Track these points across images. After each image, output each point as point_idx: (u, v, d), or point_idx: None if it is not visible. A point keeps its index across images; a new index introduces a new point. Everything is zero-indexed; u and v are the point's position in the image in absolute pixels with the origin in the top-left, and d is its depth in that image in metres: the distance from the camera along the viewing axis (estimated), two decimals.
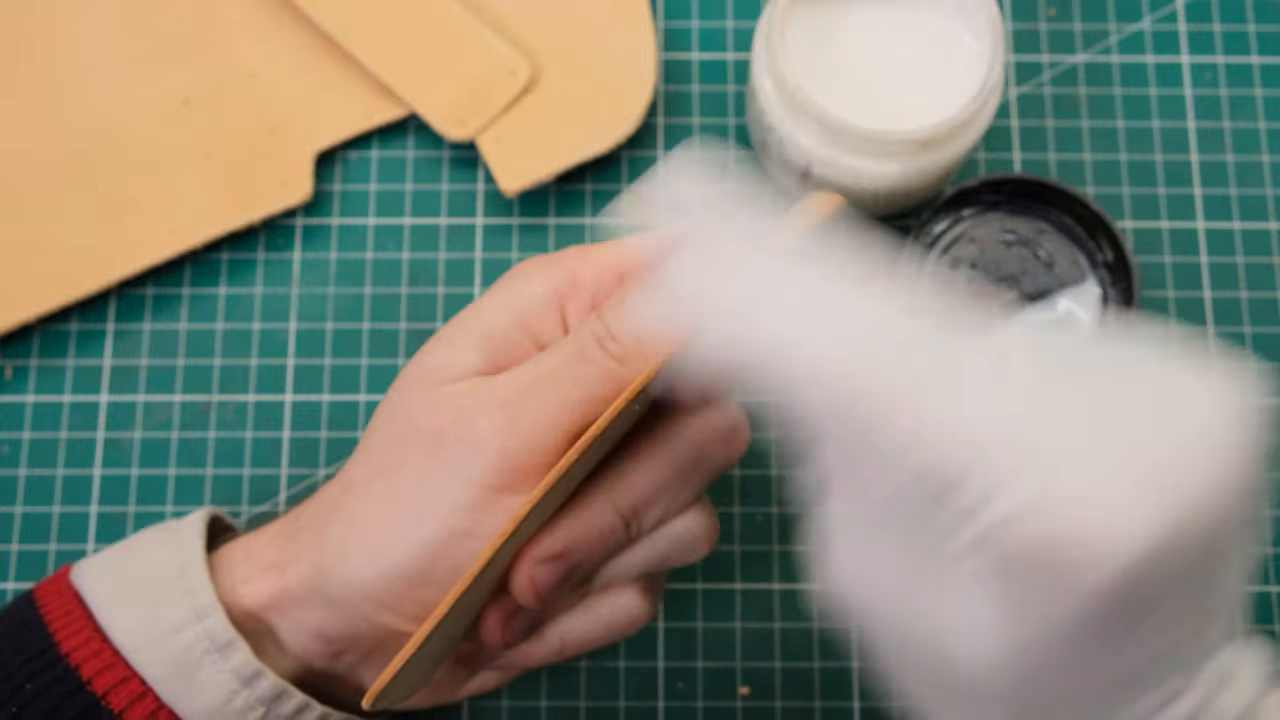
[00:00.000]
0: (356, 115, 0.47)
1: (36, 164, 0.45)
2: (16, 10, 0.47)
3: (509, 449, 0.30)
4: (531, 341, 0.32)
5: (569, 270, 0.33)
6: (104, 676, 0.31)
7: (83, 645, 0.31)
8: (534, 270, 0.33)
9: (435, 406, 0.31)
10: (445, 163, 0.47)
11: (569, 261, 0.33)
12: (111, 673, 0.31)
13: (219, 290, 0.46)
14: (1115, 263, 0.45)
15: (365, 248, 0.47)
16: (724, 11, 0.49)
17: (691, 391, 0.31)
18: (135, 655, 0.31)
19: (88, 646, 0.31)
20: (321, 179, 0.47)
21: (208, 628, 0.32)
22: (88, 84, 0.46)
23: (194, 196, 0.45)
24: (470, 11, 0.46)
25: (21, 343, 0.45)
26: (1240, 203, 0.47)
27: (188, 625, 0.32)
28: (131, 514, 0.44)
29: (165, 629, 0.32)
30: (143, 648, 0.31)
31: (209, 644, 0.32)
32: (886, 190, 0.42)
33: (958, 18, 0.43)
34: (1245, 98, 0.48)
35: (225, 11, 0.47)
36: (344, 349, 0.46)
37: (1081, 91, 0.48)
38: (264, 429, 0.45)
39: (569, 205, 0.47)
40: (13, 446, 0.45)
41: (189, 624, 0.32)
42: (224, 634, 0.32)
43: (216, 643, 0.32)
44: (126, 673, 0.31)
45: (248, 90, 0.46)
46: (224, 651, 0.32)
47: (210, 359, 0.45)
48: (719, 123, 0.48)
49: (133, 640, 0.31)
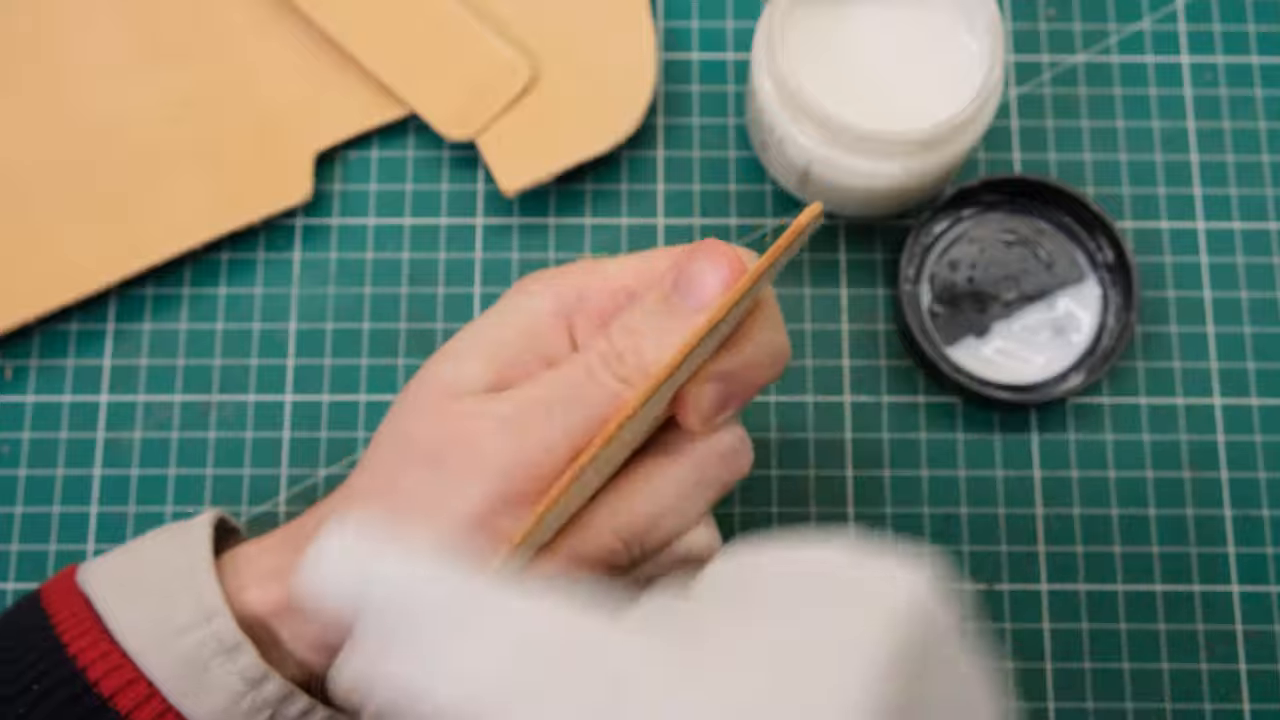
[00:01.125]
0: (356, 115, 0.47)
1: (36, 164, 0.45)
2: (16, 10, 0.47)
3: (509, 473, 0.30)
4: (539, 358, 0.32)
5: (577, 286, 0.33)
6: (111, 678, 0.31)
7: (90, 646, 0.31)
8: (541, 285, 0.33)
9: (438, 424, 0.31)
10: (445, 163, 0.47)
11: (577, 277, 0.33)
12: (119, 674, 0.31)
13: (219, 290, 0.46)
14: (1115, 263, 0.45)
15: (365, 248, 0.47)
16: (724, 11, 0.49)
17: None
18: (142, 656, 0.31)
19: (95, 648, 0.31)
20: (321, 179, 0.47)
21: (215, 629, 0.31)
22: (87, 84, 0.46)
23: (194, 196, 0.45)
24: (470, 12, 0.46)
25: (21, 343, 0.45)
26: (1240, 203, 0.47)
27: (195, 627, 0.31)
28: (131, 514, 0.44)
29: (173, 630, 0.31)
30: (150, 649, 0.31)
31: (216, 645, 0.31)
32: (886, 190, 0.42)
33: (958, 18, 0.43)
34: (1245, 98, 0.48)
35: (225, 12, 0.47)
36: (344, 349, 0.46)
37: (1081, 91, 0.48)
38: (264, 429, 0.45)
39: (569, 205, 0.47)
40: (13, 446, 0.45)
41: (197, 625, 0.31)
42: (231, 636, 0.31)
43: (224, 644, 0.31)
44: (134, 674, 0.31)
45: (248, 90, 0.46)
46: (231, 653, 0.31)
47: (210, 359, 0.45)
48: (719, 122, 0.48)
49: (140, 641, 0.31)
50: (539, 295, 0.33)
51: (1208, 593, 0.44)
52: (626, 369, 0.30)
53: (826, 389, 0.45)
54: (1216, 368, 0.46)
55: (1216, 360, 0.46)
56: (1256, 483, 0.45)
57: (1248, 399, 0.45)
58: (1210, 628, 0.43)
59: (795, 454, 0.45)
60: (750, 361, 0.32)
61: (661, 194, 0.47)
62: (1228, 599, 0.44)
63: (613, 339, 0.31)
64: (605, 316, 0.32)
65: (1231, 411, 0.45)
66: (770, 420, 0.45)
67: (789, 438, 0.45)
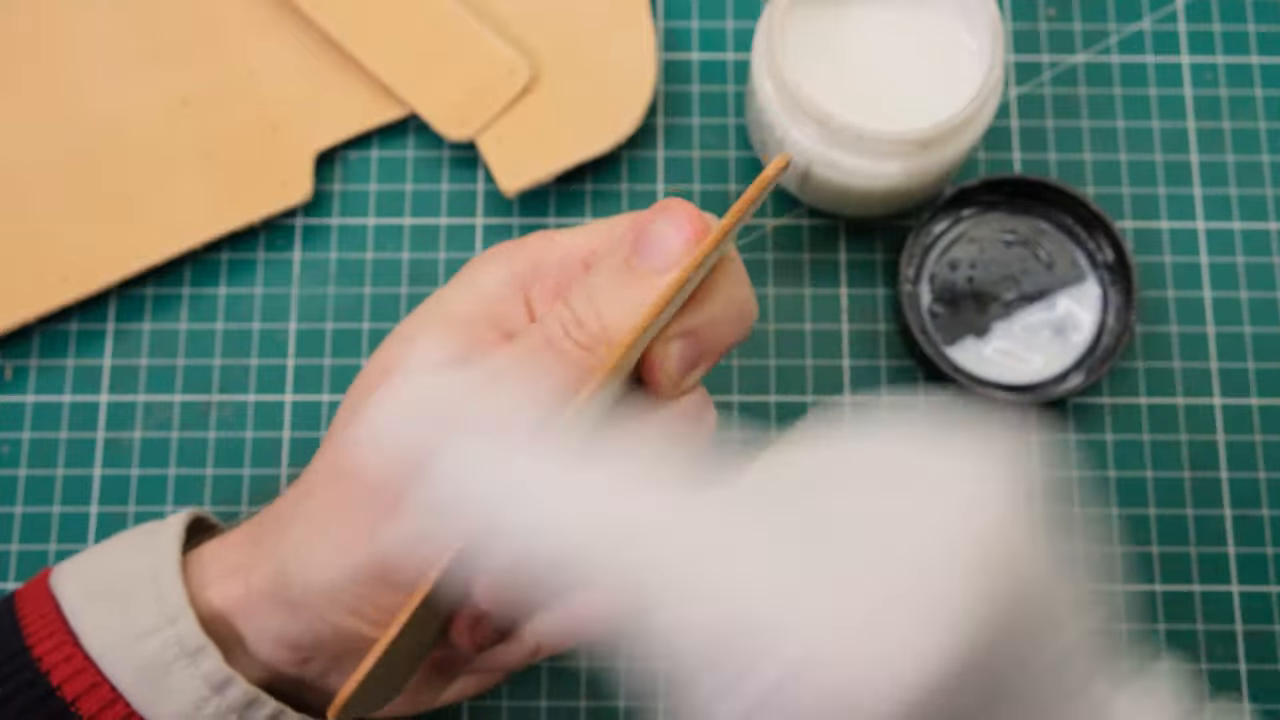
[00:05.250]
0: (356, 115, 0.47)
1: (36, 164, 0.45)
2: (16, 10, 0.47)
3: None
4: (497, 330, 0.31)
5: (532, 256, 0.32)
6: (74, 682, 0.30)
7: (54, 650, 0.30)
8: (496, 257, 0.32)
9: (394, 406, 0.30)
10: (445, 163, 0.47)
11: (532, 248, 0.32)
12: (81, 678, 0.30)
13: (219, 290, 0.46)
14: (1115, 263, 0.45)
15: (365, 248, 0.47)
16: (724, 11, 0.49)
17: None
18: (105, 660, 0.30)
19: (59, 651, 0.30)
20: (321, 179, 0.47)
21: (178, 632, 0.31)
22: (88, 84, 0.46)
23: (194, 196, 0.45)
24: (470, 11, 0.46)
25: (21, 343, 0.45)
26: (1240, 203, 0.47)
27: (158, 630, 0.31)
28: (131, 514, 0.44)
29: (135, 633, 0.31)
30: (112, 653, 0.31)
31: (179, 649, 0.31)
32: (886, 190, 0.42)
33: (958, 18, 0.43)
34: (1245, 98, 0.48)
35: (225, 11, 0.47)
36: (344, 349, 0.46)
37: (1081, 91, 0.48)
38: (264, 429, 0.45)
39: (569, 205, 0.47)
40: (13, 446, 0.45)
41: (159, 628, 0.31)
42: (194, 639, 0.31)
43: (186, 648, 0.31)
44: (96, 678, 0.30)
45: (248, 90, 0.46)
46: (194, 657, 0.31)
47: (210, 359, 0.45)
48: (719, 123, 0.48)
49: (103, 645, 0.31)
50: (493, 267, 0.32)
51: (1208, 593, 0.44)
52: (587, 335, 0.29)
53: (826, 389, 0.45)
54: (1216, 368, 0.46)
55: (1216, 360, 0.46)
56: (1256, 483, 0.45)
57: (1248, 399, 0.45)
58: (1210, 628, 0.43)
59: None
60: (716, 317, 0.31)
61: (661, 194, 0.47)
62: (1228, 599, 0.44)
63: (572, 305, 0.30)
64: (563, 285, 0.31)
65: (1231, 411, 0.45)
66: (770, 421, 0.45)
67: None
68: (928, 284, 0.45)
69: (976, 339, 0.45)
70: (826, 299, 0.46)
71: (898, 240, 0.47)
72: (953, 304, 0.45)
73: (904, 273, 0.44)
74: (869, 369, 0.46)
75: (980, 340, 0.45)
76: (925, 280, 0.45)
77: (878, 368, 0.46)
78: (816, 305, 0.46)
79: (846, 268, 0.47)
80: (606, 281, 0.30)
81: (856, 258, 0.47)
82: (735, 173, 0.47)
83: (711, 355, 0.31)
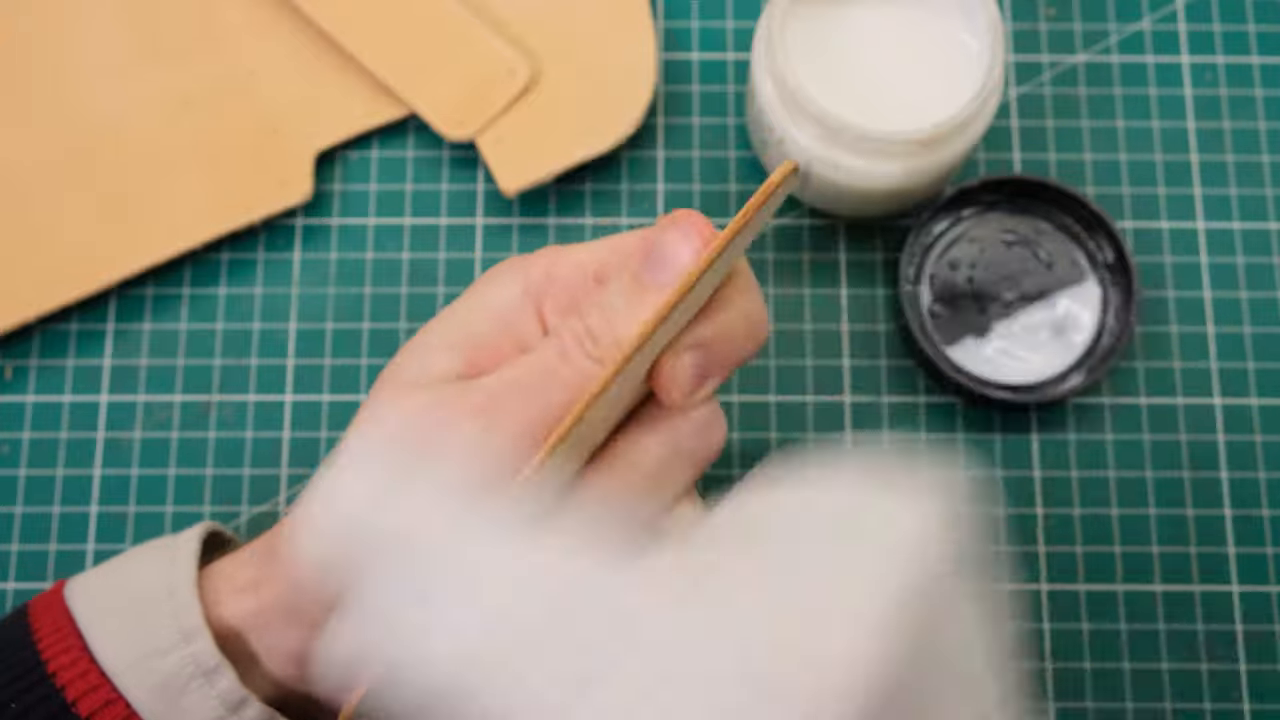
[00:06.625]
0: (356, 115, 0.47)
1: (36, 164, 0.45)
2: (16, 10, 0.47)
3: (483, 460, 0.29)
4: (511, 342, 0.31)
5: (544, 270, 0.32)
6: (89, 699, 0.30)
7: (70, 665, 0.30)
8: (509, 271, 0.32)
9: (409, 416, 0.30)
10: (445, 163, 0.47)
11: (544, 261, 0.32)
12: (96, 695, 0.30)
13: (219, 290, 0.46)
14: (1115, 263, 0.45)
15: (365, 248, 0.47)
16: (724, 11, 0.49)
17: None
18: (121, 677, 0.30)
19: (75, 667, 0.30)
20: (321, 179, 0.47)
21: (194, 651, 0.31)
22: (88, 84, 0.46)
23: (194, 196, 0.45)
24: (470, 11, 0.46)
25: (21, 343, 0.45)
26: (1240, 203, 0.47)
27: (175, 648, 0.31)
28: (131, 514, 0.44)
29: (151, 650, 0.31)
30: (129, 669, 0.30)
31: (195, 668, 0.31)
32: (886, 190, 0.42)
33: (958, 18, 0.43)
34: (1245, 98, 0.48)
35: (225, 11, 0.47)
36: (344, 349, 0.46)
37: (1081, 91, 0.48)
38: (264, 429, 0.45)
39: (569, 205, 0.47)
40: (13, 446, 0.45)
41: (176, 646, 0.31)
42: (210, 658, 0.31)
43: (203, 667, 0.31)
44: (112, 695, 0.30)
45: (248, 90, 0.46)
46: (210, 676, 0.31)
47: (210, 359, 0.45)
48: (719, 123, 0.48)
49: (119, 661, 0.30)
50: (507, 281, 0.32)
51: (1208, 593, 0.44)
52: (600, 348, 0.29)
53: (826, 389, 0.45)
54: (1216, 368, 0.46)
55: (1216, 360, 0.46)
56: (1256, 483, 0.45)
57: (1248, 399, 0.45)
58: (1210, 628, 0.43)
59: None
60: (726, 329, 0.31)
61: (661, 194, 0.47)
62: (1228, 599, 0.44)
63: (585, 318, 0.30)
64: (575, 298, 0.32)
65: (1231, 411, 0.45)
66: (770, 420, 0.45)
67: (789, 438, 0.45)
68: (928, 284, 0.45)
69: (976, 339, 0.45)
70: (826, 299, 0.46)
71: (898, 240, 0.47)
72: (953, 304, 0.45)
73: (904, 273, 0.44)
74: (869, 369, 0.46)
75: (980, 340, 0.45)
76: (925, 280, 0.45)
77: (878, 368, 0.46)
78: (816, 305, 0.46)
79: (846, 268, 0.47)
80: (618, 294, 0.30)
81: (856, 258, 0.47)
82: (735, 173, 0.47)
83: (723, 368, 0.31)
